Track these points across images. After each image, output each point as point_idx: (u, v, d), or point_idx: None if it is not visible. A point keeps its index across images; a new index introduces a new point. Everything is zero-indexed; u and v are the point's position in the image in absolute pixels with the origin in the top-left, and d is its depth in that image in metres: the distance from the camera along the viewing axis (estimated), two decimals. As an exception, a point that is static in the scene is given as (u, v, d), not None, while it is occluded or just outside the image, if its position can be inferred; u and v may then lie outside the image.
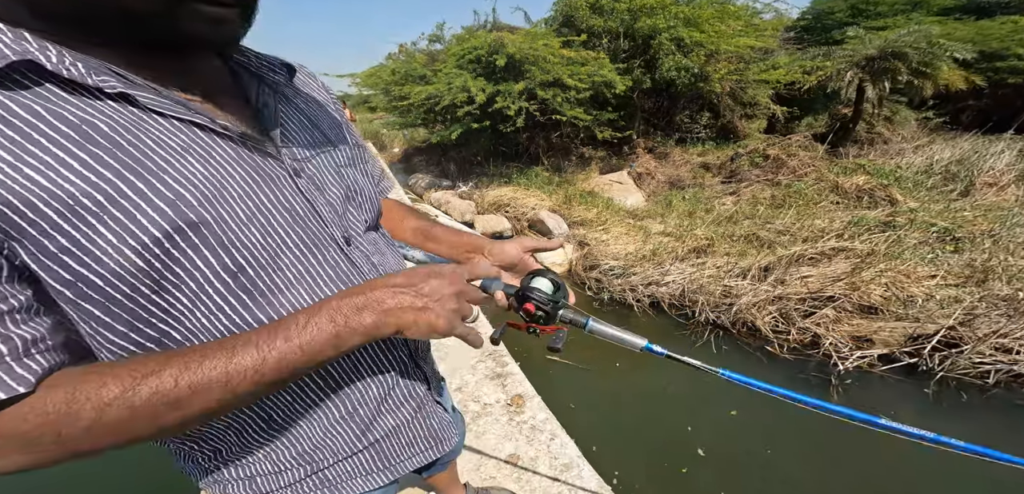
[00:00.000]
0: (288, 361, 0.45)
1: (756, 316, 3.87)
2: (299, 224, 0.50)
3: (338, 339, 0.47)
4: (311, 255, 0.51)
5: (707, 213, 5.93)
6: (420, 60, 9.77)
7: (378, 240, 0.65)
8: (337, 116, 0.66)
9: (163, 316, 0.42)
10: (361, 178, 0.63)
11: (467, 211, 6.80)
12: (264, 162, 0.48)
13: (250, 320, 0.46)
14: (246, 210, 0.45)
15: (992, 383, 3.09)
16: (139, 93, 0.40)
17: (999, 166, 5.85)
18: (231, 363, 0.42)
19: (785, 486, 2.48)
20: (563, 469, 1.75)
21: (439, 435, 0.74)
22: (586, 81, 7.43)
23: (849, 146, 8.32)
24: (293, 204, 0.50)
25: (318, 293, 0.51)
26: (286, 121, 0.55)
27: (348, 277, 0.55)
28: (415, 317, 0.51)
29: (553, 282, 0.70)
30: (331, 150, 0.59)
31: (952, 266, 4.01)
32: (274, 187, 0.48)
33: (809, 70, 8.52)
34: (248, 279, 0.45)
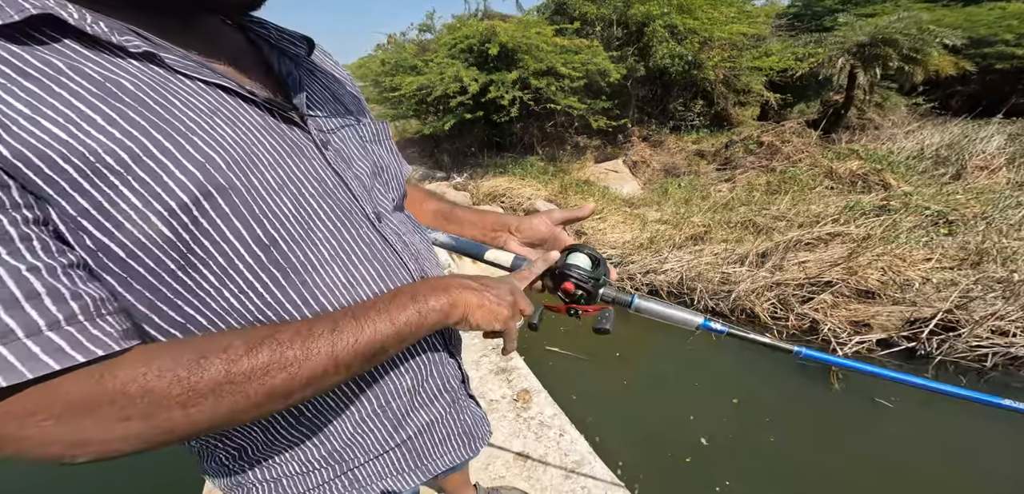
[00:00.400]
0: (380, 334, 0.44)
1: (755, 302, 3.87)
2: (330, 196, 0.47)
3: (420, 317, 0.48)
4: (345, 229, 0.48)
5: (703, 200, 5.92)
6: (410, 50, 9.59)
7: (406, 221, 0.63)
8: (356, 93, 0.64)
9: (188, 296, 0.39)
10: (386, 155, 0.62)
11: (462, 202, 6.71)
12: (291, 131, 0.46)
13: (284, 301, 0.43)
14: (277, 178, 0.42)
15: (990, 366, 3.11)
16: (165, 53, 0.38)
17: (990, 149, 5.91)
18: (334, 332, 0.41)
19: (788, 473, 2.48)
20: (574, 465, 1.71)
21: (473, 432, 0.71)
22: (580, 69, 7.36)
23: (841, 132, 8.37)
24: (323, 175, 0.47)
25: (355, 273, 0.49)
26: (311, 92, 0.53)
27: (383, 256, 0.53)
28: (479, 302, 0.52)
29: (592, 257, 0.66)
30: (355, 125, 0.57)
31: (947, 249, 4.04)
32: (303, 157, 0.46)
33: (801, 57, 8.54)
34: (281, 254, 0.42)
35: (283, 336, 0.39)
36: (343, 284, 0.48)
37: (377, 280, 0.51)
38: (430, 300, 0.49)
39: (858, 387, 3.10)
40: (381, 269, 0.52)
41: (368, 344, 0.44)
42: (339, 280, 0.47)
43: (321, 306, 0.46)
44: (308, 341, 0.40)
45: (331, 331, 0.42)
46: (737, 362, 3.49)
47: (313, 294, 0.45)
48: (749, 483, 2.39)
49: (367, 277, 0.50)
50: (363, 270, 0.50)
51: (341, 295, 0.47)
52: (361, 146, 0.56)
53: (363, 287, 0.49)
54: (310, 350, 0.40)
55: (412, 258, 0.57)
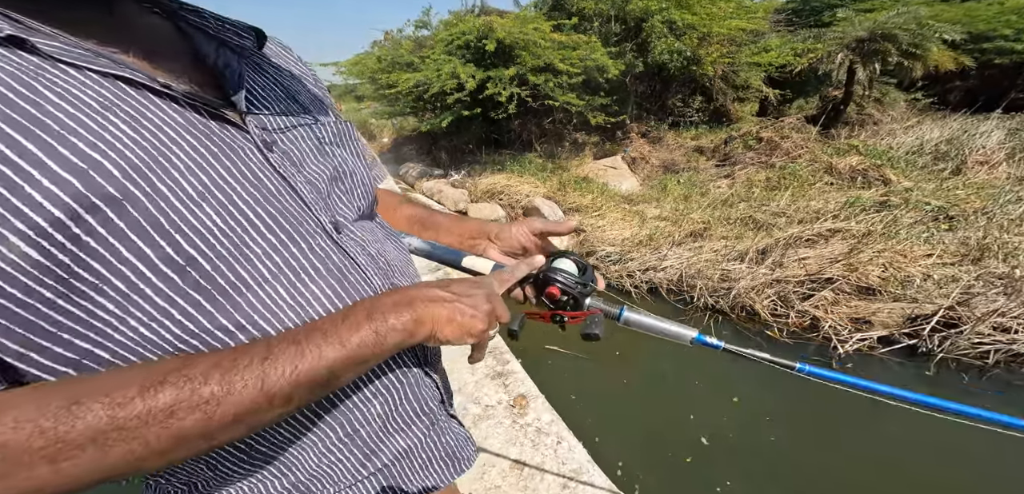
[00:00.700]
0: (327, 360, 0.39)
1: (755, 299, 3.84)
2: (273, 205, 0.42)
3: (378, 337, 0.43)
4: (292, 242, 0.42)
5: (702, 196, 5.88)
6: (407, 47, 9.51)
7: (376, 229, 0.57)
8: (318, 91, 0.58)
9: (80, 329, 0.33)
10: (351, 158, 0.55)
11: (460, 200, 6.66)
12: (222, 130, 0.40)
13: (212, 328, 0.38)
14: (196, 185, 0.36)
15: (992, 363, 3.08)
16: (39, 38, 0.31)
17: (990, 144, 5.89)
18: (267, 361, 0.36)
19: (789, 472, 2.44)
20: (572, 474, 1.66)
21: (457, 453, 0.65)
22: (578, 65, 7.31)
23: (840, 127, 8.34)
24: (264, 181, 0.41)
25: (304, 292, 0.43)
26: (254, 88, 0.47)
27: (342, 271, 0.47)
28: (449, 315, 0.47)
29: (578, 264, 0.63)
30: (312, 124, 0.51)
31: (948, 245, 4.01)
32: (236, 160, 0.40)
33: (800, 52, 8.51)
34: (203, 274, 0.36)
35: (195, 370, 0.34)
36: (289, 304, 0.42)
37: (334, 299, 0.45)
38: (390, 317, 0.44)
39: (859, 385, 3.07)
40: (338, 286, 0.46)
41: (311, 373, 0.38)
42: (283, 300, 0.42)
43: (263, 331, 0.40)
44: (230, 374, 0.35)
45: (263, 360, 0.36)
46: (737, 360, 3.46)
47: (250, 318, 0.40)
48: (750, 483, 2.36)
49: (320, 295, 0.44)
50: (315, 288, 0.44)
51: (287, 317, 0.42)
52: (318, 148, 0.50)
53: (315, 307, 0.44)
54: (232, 384, 0.35)
55: (379, 273, 0.52)
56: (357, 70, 10.07)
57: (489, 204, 6.36)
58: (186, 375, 0.33)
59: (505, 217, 6.08)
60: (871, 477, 2.38)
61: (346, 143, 0.55)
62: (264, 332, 0.40)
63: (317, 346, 0.39)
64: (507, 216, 6.11)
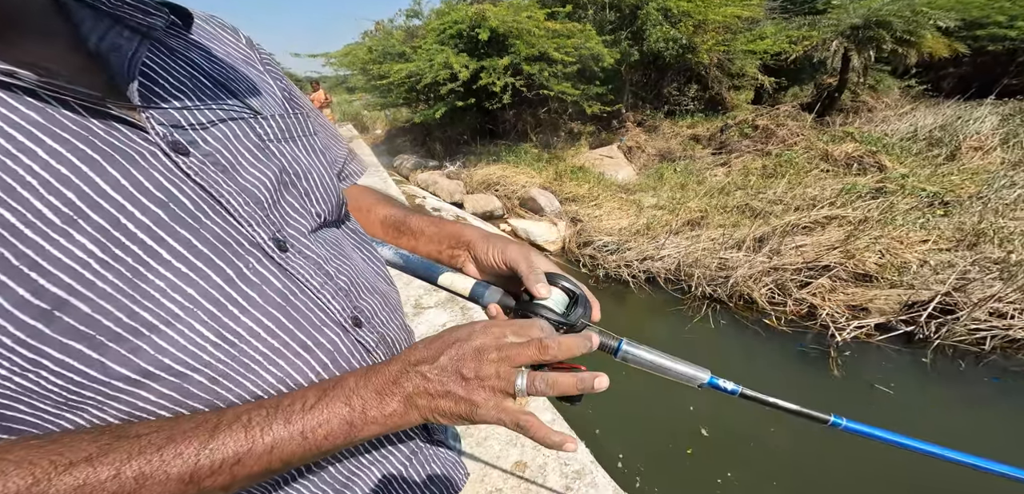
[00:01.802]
0: (283, 452, 0.34)
1: (752, 288, 3.82)
2: (181, 224, 0.34)
3: (351, 429, 0.37)
4: (210, 269, 0.35)
5: (699, 185, 5.86)
6: (398, 37, 9.36)
7: (341, 239, 0.49)
8: (270, 79, 0.49)
9: None
10: (305, 156, 0.46)
11: (456, 191, 6.59)
12: (108, 131, 0.32)
13: (103, 378, 0.31)
14: (60, 208, 0.29)
15: (988, 349, 3.09)
16: None
17: (984, 130, 5.90)
18: (205, 449, 0.32)
19: (789, 460, 2.44)
20: (575, 476, 1.63)
21: (444, 479, 0.59)
22: (572, 54, 7.23)
23: (835, 115, 8.35)
24: (169, 192, 0.34)
25: (234, 327, 0.36)
26: (162, 76, 0.38)
27: (286, 298, 0.39)
28: (435, 404, 0.40)
29: (568, 292, 0.52)
30: (249, 119, 0.42)
31: (943, 230, 4.02)
32: (126, 167, 0.32)
33: (795, 40, 8.48)
34: (80, 317, 0.29)
35: (109, 457, 0.29)
36: (214, 343, 0.35)
37: (277, 331, 0.38)
38: (371, 407, 0.38)
39: (857, 375, 3.07)
40: (282, 316, 0.39)
41: (259, 465, 0.33)
42: (205, 340, 0.34)
43: (182, 376, 0.34)
44: (155, 455, 0.30)
45: (204, 443, 0.31)
46: (736, 348, 3.45)
47: (159, 362, 0.33)
48: (751, 473, 2.35)
49: (257, 330, 0.37)
50: (249, 321, 0.37)
51: (213, 357, 0.35)
52: (259, 147, 0.42)
53: (253, 344, 0.37)
54: (152, 471, 0.30)
55: (338, 294, 0.44)
56: (347, 61, 9.89)
57: (485, 195, 6.29)
58: (94, 464, 0.29)
59: (501, 207, 6.03)
60: (870, 464, 2.38)
61: (298, 138, 0.47)
62: (184, 376, 0.34)
63: (269, 432, 0.34)
64: (503, 207, 6.06)
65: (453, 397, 0.39)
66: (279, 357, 0.39)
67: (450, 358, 0.40)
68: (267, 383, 0.38)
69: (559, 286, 0.52)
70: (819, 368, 3.16)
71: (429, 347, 0.41)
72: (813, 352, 3.30)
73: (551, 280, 0.52)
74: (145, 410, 0.33)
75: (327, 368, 0.42)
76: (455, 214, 5.71)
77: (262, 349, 0.37)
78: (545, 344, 0.42)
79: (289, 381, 0.39)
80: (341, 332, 0.44)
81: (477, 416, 0.40)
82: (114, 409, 0.32)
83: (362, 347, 0.46)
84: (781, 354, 3.34)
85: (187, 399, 0.34)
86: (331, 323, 0.43)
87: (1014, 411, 2.75)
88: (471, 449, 1.75)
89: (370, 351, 0.47)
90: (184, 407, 0.34)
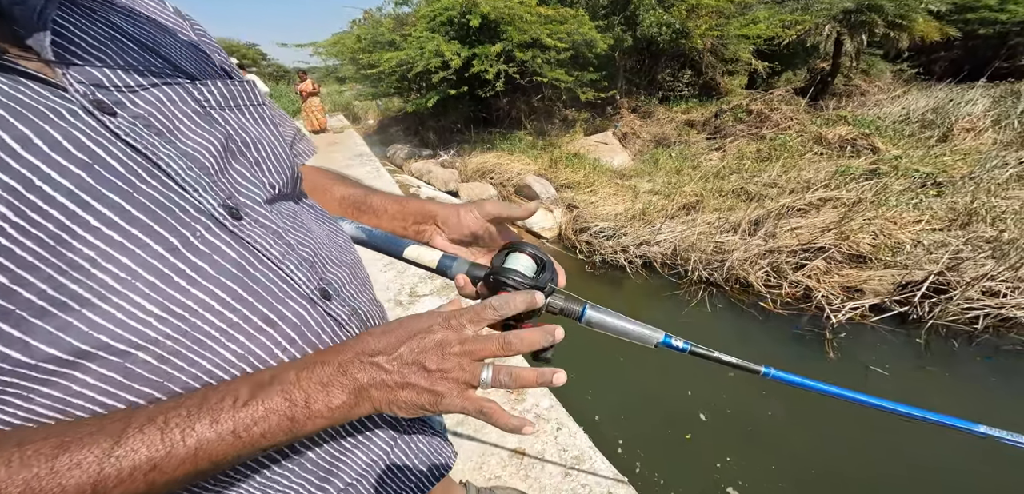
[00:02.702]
0: (212, 453, 0.32)
1: (748, 271, 3.83)
2: (111, 188, 0.30)
3: (293, 424, 0.35)
4: (150, 237, 0.31)
5: (694, 170, 5.84)
6: (387, 25, 9.20)
7: (300, 212, 0.47)
8: (206, 50, 0.45)
9: None
10: (254, 125, 0.43)
11: (451, 180, 6.53)
12: (14, 87, 0.28)
13: (29, 360, 0.28)
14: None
15: (981, 328, 3.12)
16: None
17: (975, 112, 5.93)
18: (110, 458, 0.28)
19: (788, 443, 2.45)
20: (574, 461, 1.62)
21: (432, 459, 0.58)
22: (565, 40, 7.15)
23: (828, 99, 8.37)
24: (95, 154, 0.30)
25: (183, 299, 0.33)
26: (76, 35, 0.33)
27: (243, 268, 0.37)
28: (390, 398, 0.38)
29: (536, 259, 0.53)
30: (186, 84, 0.38)
31: (936, 210, 4.04)
32: (42, 125, 0.28)
33: (788, 24, 8.47)
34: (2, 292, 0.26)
35: (27, 447, 0.27)
36: (159, 317, 0.32)
37: (233, 304, 0.36)
38: (315, 400, 0.35)
39: (853, 356, 3.09)
40: (238, 288, 0.36)
41: (177, 467, 0.30)
42: (149, 313, 0.31)
43: (120, 357, 0.31)
44: (57, 458, 0.27)
45: (107, 449, 0.28)
46: (733, 331, 3.46)
47: (95, 340, 0.29)
48: (750, 456, 2.36)
49: (209, 302, 0.34)
50: (200, 292, 0.34)
51: (160, 332, 0.32)
52: (199, 113, 0.38)
53: (206, 317, 0.34)
54: (58, 469, 0.27)
55: (303, 265, 0.42)
56: (336, 50, 9.72)
57: (480, 183, 6.24)
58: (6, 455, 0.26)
59: (497, 195, 5.98)
60: (868, 445, 2.40)
61: (245, 108, 0.43)
62: (126, 355, 0.31)
63: (192, 434, 0.31)
64: (499, 195, 6.01)
65: (415, 388, 0.38)
66: (238, 332, 0.36)
67: (411, 350, 0.39)
68: (226, 360, 0.35)
69: (527, 253, 0.53)
70: (815, 350, 3.17)
71: (385, 337, 0.39)
72: (809, 334, 3.31)
73: (519, 247, 0.53)
74: (83, 396, 0.30)
75: (295, 342, 0.40)
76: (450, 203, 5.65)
77: (218, 323, 0.34)
78: (508, 342, 0.42)
79: (251, 358, 0.37)
80: (308, 304, 0.41)
81: (441, 406, 0.39)
82: (43, 398, 0.29)
83: (333, 320, 0.44)
84: (777, 337, 3.35)
85: (132, 381, 0.31)
86: (296, 295, 0.40)
87: (1007, 389, 2.78)
88: (471, 434, 1.73)
89: (342, 325, 0.45)
90: (130, 390, 0.32)
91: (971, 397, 2.77)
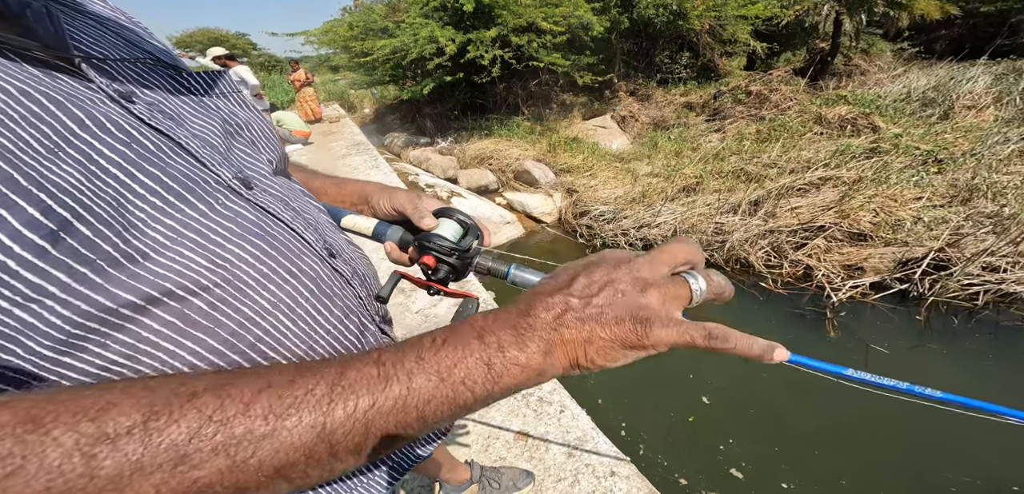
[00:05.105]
0: (418, 394, 0.30)
1: (749, 252, 3.81)
2: (150, 162, 0.33)
3: (489, 371, 0.31)
4: (184, 204, 0.34)
5: (694, 151, 5.80)
6: (379, 12, 9.07)
7: (293, 186, 0.51)
8: (165, 45, 0.48)
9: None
10: (241, 110, 0.47)
11: (449, 167, 6.48)
12: (51, 77, 0.30)
13: (110, 304, 0.29)
14: (42, 139, 0.27)
15: (981, 304, 3.11)
16: None
17: (977, 89, 5.88)
18: (333, 394, 0.29)
19: (790, 424, 2.45)
20: (577, 442, 1.62)
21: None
22: (561, 24, 7.06)
23: (828, 79, 8.30)
24: (131, 133, 0.32)
25: (223, 254, 0.35)
26: (75, 32, 0.36)
27: (264, 230, 0.39)
28: (586, 334, 0.32)
29: (462, 223, 0.56)
30: (175, 75, 0.42)
31: (937, 187, 4.02)
32: (86, 109, 0.30)
33: (786, 4, 8.37)
34: (82, 240, 0.28)
35: (225, 393, 0.27)
36: (207, 268, 0.34)
37: (263, 259, 0.38)
38: (509, 349, 0.31)
39: (853, 334, 3.09)
40: (264, 244, 0.39)
41: (394, 414, 0.29)
42: (198, 265, 0.33)
43: (179, 303, 0.32)
44: (277, 404, 0.27)
45: (330, 388, 0.28)
46: (733, 313, 3.45)
47: (161, 288, 0.31)
48: (753, 439, 2.36)
49: (245, 256, 0.37)
50: (236, 248, 0.36)
51: (209, 283, 0.34)
52: (195, 101, 0.42)
53: (243, 269, 0.36)
54: (280, 421, 0.27)
55: (309, 227, 0.45)
56: (328, 39, 9.58)
57: (479, 169, 6.19)
58: (223, 394, 0.27)
59: (496, 181, 5.94)
60: (868, 424, 2.40)
61: (228, 95, 0.46)
62: (184, 301, 0.33)
63: (403, 369, 0.30)
64: (498, 180, 5.97)
65: (614, 317, 0.32)
66: (268, 282, 0.38)
67: (595, 280, 0.34)
68: (262, 308, 0.38)
69: (454, 219, 0.55)
70: (816, 329, 3.17)
71: (551, 281, 0.35)
72: (810, 314, 3.31)
73: (446, 213, 0.56)
74: (149, 341, 0.32)
75: (314, 293, 0.42)
76: (450, 190, 5.61)
77: (253, 274, 0.37)
78: (662, 278, 0.35)
79: (282, 305, 0.39)
80: (319, 261, 0.44)
81: (652, 335, 0.32)
82: (117, 344, 0.30)
83: (340, 276, 0.47)
84: (779, 317, 3.35)
85: (188, 327, 0.33)
86: (309, 252, 0.43)
87: (1007, 364, 2.78)
88: (477, 417, 1.73)
89: (348, 281, 0.48)
90: (186, 336, 0.33)
91: (971, 373, 2.78)
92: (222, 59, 6.02)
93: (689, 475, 2.18)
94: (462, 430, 1.68)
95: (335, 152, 6.80)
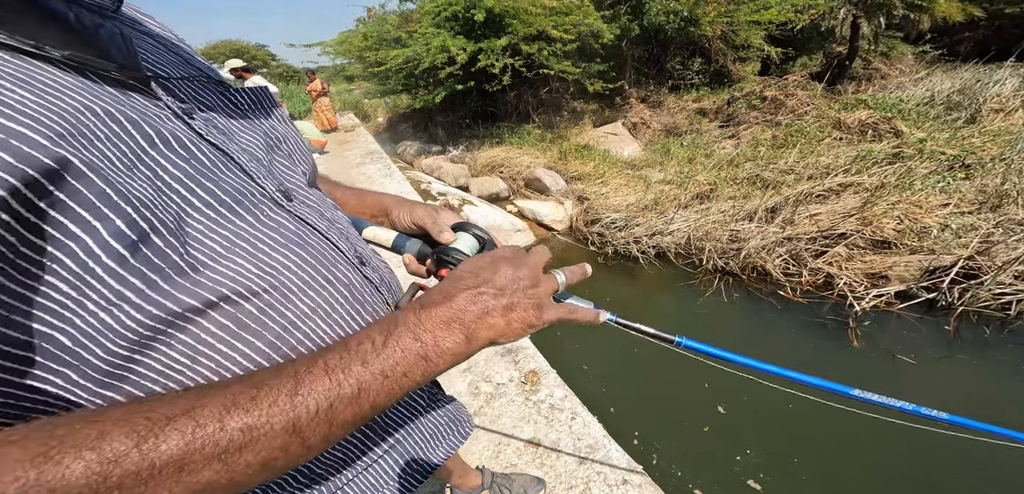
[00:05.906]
0: (369, 393, 0.35)
1: (766, 259, 3.71)
2: (206, 177, 0.37)
3: (427, 364, 0.38)
4: (235, 217, 0.38)
5: (707, 158, 5.70)
6: (392, 22, 9.21)
7: (325, 198, 0.54)
8: (201, 58, 0.52)
9: (35, 311, 0.27)
10: (279, 124, 0.51)
11: (461, 175, 6.50)
12: (128, 97, 0.34)
13: (175, 309, 0.33)
14: (123, 156, 0.31)
15: (1014, 314, 2.96)
16: None
17: (1005, 92, 5.67)
18: (296, 397, 0.32)
19: (809, 435, 2.35)
20: (588, 450, 1.57)
21: (457, 417, 0.67)
22: (572, 32, 7.06)
23: (847, 83, 8.12)
24: (191, 150, 0.36)
25: (270, 262, 0.39)
26: (144, 53, 0.40)
27: (302, 238, 0.43)
28: (506, 320, 0.42)
29: (478, 238, 0.58)
30: (223, 91, 0.45)
31: (965, 193, 3.87)
32: (157, 126, 0.34)
33: (801, 9, 8.24)
34: (155, 250, 0.31)
35: (205, 409, 0.29)
36: (256, 275, 0.37)
37: (304, 266, 0.42)
38: (441, 338, 0.38)
39: (878, 345, 2.96)
40: (304, 252, 0.42)
41: (349, 409, 0.34)
42: (249, 273, 0.37)
43: (233, 307, 0.36)
44: (252, 411, 0.30)
45: (291, 394, 0.32)
46: (750, 322, 3.35)
47: (218, 294, 0.35)
48: (770, 450, 2.26)
49: (288, 265, 0.40)
50: (281, 256, 0.40)
51: (259, 289, 0.37)
52: (241, 116, 0.45)
53: (288, 276, 0.40)
54: (257, 424, 0.31)
55: (342, 237, 0.49)
56: (343, 49, 9.77)
57: (490, 177, 6.19)
58: (195, 417, 0.29)
59: (507, 189, 5.93)
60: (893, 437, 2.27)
61: (268, 110, 0.50)
62: (238, 306, 0.36)
63: (351, 374, 0.35)
64: (509, 188, 5.96)
65: (522, 307, 0.42)
66: (308, 288, 0.41)
67: (507, 278, 0.43)
68: (303, 312, 0.40)
69: (471, 233, 0.58)
70: (838, 339, 3.05)
71: (463, 273, 0.44)
72: (831, 323, 3.19)
73: (463, 228, 0.59)
74: (206, 343, 0.35)
75: (348, 299, 0.45)
76: (461, 198, 5.61)
77: (295, 280, 0.40)
78: (542, 275, 0.48)
79: (321, 311, 0.42)
80: (352, 268, 0.47)
81: (544, 317, 0.43)
82: (180, 344, 0.33)
83: (370, 284, 0.50)
84: (798, 326, 3.23)
85: (241, 329, 0.36)
86: (343, 260, 0.46)
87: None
88: (487, 425, 1.69)
89: (376, 287, 0.51)
90: (239, 338, 0.36)
91: (1003, 386, 2.63)
92: (239, 71, 6.14)
93: (704, 486, 2.09)
94: (473, 436, 1.65)
95: (350, 161, 6.88)
